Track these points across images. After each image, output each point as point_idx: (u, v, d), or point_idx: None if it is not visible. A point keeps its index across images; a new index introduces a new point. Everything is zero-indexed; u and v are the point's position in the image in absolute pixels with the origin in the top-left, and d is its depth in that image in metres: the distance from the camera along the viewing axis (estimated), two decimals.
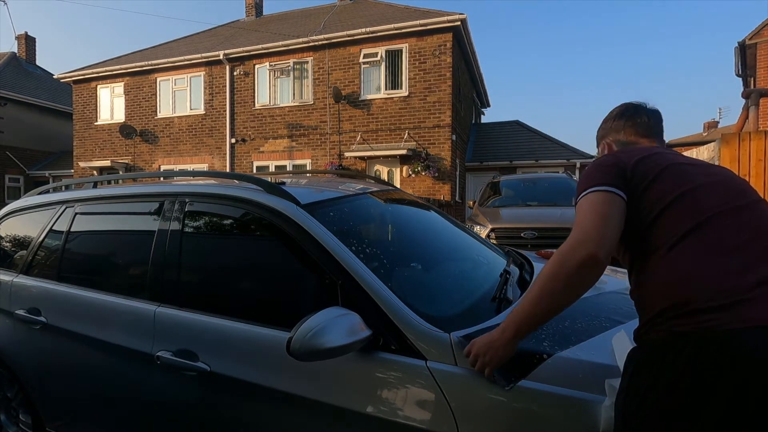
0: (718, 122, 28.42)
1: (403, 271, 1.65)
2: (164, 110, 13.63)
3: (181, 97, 13.44)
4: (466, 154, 13.24)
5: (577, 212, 1.11)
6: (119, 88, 14.17)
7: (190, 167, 13.21)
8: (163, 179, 2.96)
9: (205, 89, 13.03)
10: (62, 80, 15.02)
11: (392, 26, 10.77)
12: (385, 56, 11.15)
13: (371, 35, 11.02)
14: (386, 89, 11.20)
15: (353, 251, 1.44)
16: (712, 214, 1.02)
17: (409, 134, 10.98)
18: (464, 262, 1.99)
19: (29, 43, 20.94)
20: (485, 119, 18.62)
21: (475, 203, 7.34)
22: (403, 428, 1.20)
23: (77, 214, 2.18)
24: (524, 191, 6.96)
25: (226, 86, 12.68)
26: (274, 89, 12.35)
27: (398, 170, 11.25)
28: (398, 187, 4.29)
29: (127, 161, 14.03)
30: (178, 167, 13.31)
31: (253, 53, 12.23)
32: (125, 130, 13.50)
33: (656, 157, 1.15)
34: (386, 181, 3.02)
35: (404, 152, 10.68)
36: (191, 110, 13.30)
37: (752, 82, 13.28)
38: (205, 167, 13.13)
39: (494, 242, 4.42)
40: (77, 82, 14.68)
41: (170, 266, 1.74)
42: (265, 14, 16.62)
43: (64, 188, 2.83)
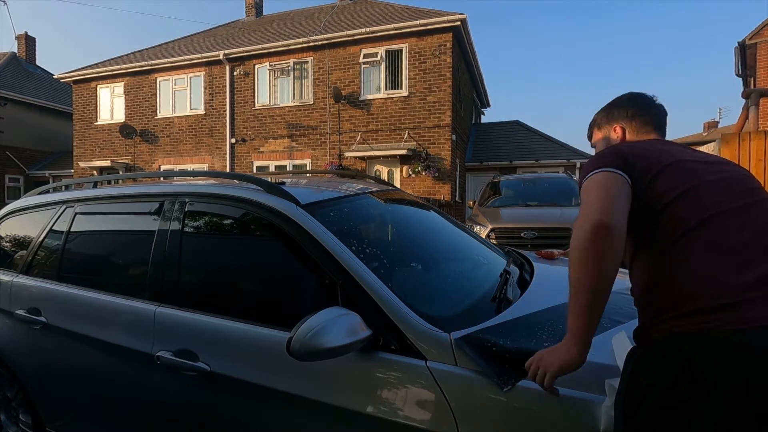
0: (718, 122, 28.38)
1: (403, 271, 1.65)
2: (164, 110, 13.62)
3: (181, 97, 13.43)
4: (466, 154, 13.23)
5: (582, 193, 1.10)
6: (119, 88, 14.16)
7: (190, 167, 13.19)
8: (163, 179, 2.96)
9: (205, 89, 13.02)
10: (62, 80, 15.02)
11: (392, 26, 10.77)
12: (385, 56, 11.15)
13: (371, 35, 11.02)
14: (386, 89, 11.20)
15: (353, 251, 1.44)
16: (714, 212, 1.00)
17: (409, 134, 10.98)
18: (464, 262, 2.00)
19: (29, 43, 20.93)
20: (485, 119, 18.63)
21: (475, 203, 7.34)
22: (403, 428, 1.20)
23: (77, 214, 2.18)
24: (524, 191, 6.96)
25: (226, 86, 12.67)
26: (274, 89, 12.34)
27: (398, 170, 11.25)
28: (398, 187, 4.30)
29: (127, 161, 14.02)
30: (178, 167, 13.30)
31: (253, 53, 12.22)
32: (125, 130, 13.50)
33: (662, 153, 1.13)
34: (386, 181, 3.02)
35: (404, 152, 10.67)
36: (191, 110, 13.29)
37: (752, 82, 13.27)
38: (205, 167, 13.12)
39: (494, 242, 4.42)
40: (77, 82, 14.67)
41: (170, 266, 1.74)
42: (265, 14, 16.61)
43: (64, 188, 2.83)
